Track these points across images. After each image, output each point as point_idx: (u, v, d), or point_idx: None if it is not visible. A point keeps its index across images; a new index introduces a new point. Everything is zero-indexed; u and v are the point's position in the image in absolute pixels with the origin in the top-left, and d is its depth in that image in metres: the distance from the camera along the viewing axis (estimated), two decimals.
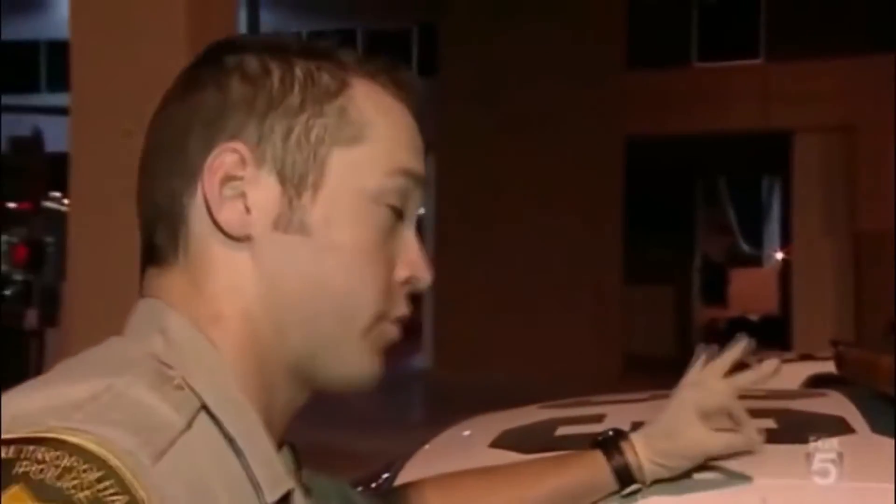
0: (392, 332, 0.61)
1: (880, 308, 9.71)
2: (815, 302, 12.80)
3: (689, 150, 14.45)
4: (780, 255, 21.56)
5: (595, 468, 0.87)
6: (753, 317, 19.02)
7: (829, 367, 2.68)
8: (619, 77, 12.35)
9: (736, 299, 21.79)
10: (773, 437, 0.94)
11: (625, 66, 12.62)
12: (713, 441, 0.87)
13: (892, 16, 11.26)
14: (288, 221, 0.56)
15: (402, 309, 0.61)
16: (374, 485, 1.20)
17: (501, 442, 1.22)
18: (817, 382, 3.18)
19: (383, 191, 0.58)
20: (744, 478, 0.91)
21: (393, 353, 0.62)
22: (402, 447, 1.37)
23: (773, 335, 12.21)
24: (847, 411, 1.19)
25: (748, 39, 13.80)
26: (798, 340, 12.14)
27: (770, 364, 0.88)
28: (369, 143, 0.58)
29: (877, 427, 1.10)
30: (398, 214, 0.60)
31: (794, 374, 3.53)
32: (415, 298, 0.62)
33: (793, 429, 1.08)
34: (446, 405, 5.54)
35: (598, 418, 1.22)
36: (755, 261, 24.77)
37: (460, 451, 1.32)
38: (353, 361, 0.59)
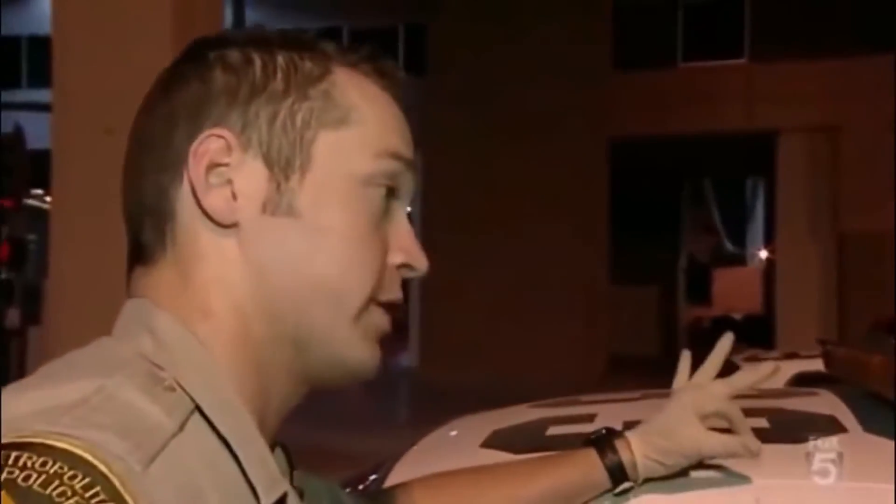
0: (384, 321, 0.60)
1: (863, 307, 9.79)
2: (799, 301, 12.90)
3: (674, 151, 14.51)
4: (764, 255, 21.71)
5: (588, 466, 0.87)
6: (737, 316, 19.16)
7: (814, 365, 2.69)
8: (605, 78, 12.39)
9: (720, 299, 21.94)
10: (765, 436, 0.93)
11: (611, 67, 12.66)
12: (710, 441, 0.87)
13: (877, 17, 11.36)
14: (276, 205, 0.55)
15: (395, 293, 0.60)
16: (362, 486, 1.19)
17: (492, 442, 1.21)
18: (802, 381, 3.20)
19: (373, 173, 0.58)
20: (740, 477, 0.90)
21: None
22: (391, 447, 1.36)
23: (756, 334, 12.30)
24: (838, 410, 1.19)
25: (733, 40, 13.87)
26: (781, 339, 12.22)
27: (767, 366, 0.89)
28: (356, 126, 0.58)
29: (868, 426, 1.10)
30: (391, 193, 0.59)
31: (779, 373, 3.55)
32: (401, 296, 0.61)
33: (785, 428, 1.08)
34: (433, 404, 5.53)
35: (590, 418, 1.22)
36: (739, 260, 24.94)
37: (450, 452, 1.30)
38: (349, 348, 0.58)
